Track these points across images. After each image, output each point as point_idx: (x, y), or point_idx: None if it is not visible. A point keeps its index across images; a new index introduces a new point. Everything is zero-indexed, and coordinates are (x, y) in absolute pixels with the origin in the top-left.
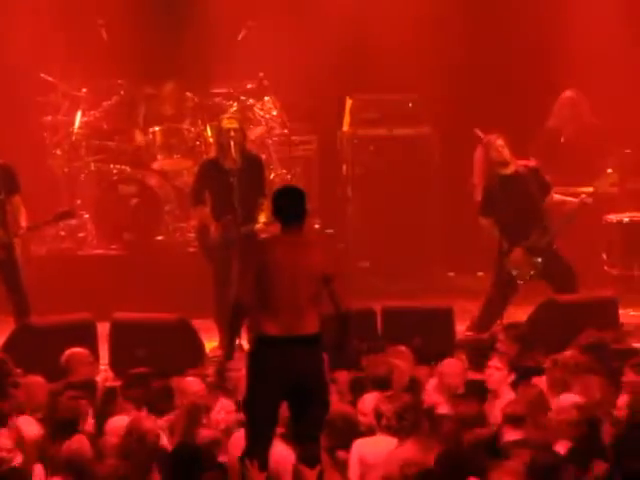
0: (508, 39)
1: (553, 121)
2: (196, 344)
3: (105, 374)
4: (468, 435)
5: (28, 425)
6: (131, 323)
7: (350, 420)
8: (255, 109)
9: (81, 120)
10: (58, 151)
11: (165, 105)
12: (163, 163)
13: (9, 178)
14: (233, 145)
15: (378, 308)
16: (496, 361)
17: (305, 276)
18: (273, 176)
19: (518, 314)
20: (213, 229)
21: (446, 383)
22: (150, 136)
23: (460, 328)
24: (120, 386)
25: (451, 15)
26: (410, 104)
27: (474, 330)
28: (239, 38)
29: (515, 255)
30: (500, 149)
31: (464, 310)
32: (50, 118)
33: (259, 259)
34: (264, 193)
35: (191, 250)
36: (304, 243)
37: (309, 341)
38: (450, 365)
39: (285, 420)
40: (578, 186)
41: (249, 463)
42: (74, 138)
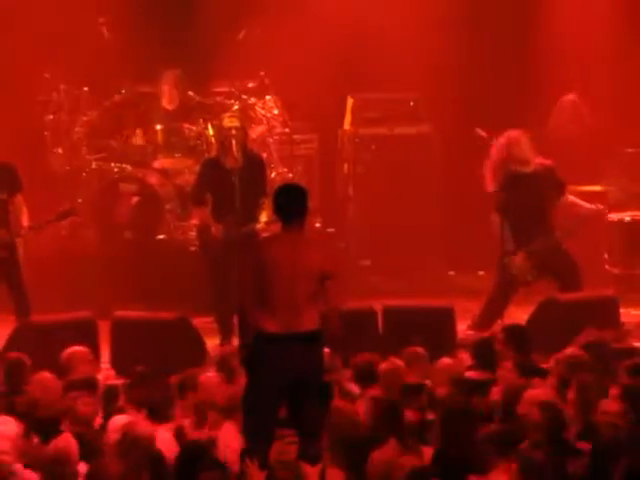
0: (510, 39)
1: (554, 123)
2: (197, 343)
3: (106, 372)
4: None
5: (6, 424)
6: (132, 322)
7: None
8: (256, 108)
9: (82, 119)
10: (59, 150)
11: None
12: (164, 162)
13: (11, 177)
14: (234, 144)
15: (379, 307)
16: (507, 363)
17: (304, 274)
18: (274, 175)
19: (518, 314)
20: (214, 229)
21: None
22: (151, 135)
23: (461, 327)
24: (123, 385)
25: (453, 14)
26: (411, 103)
27: (475, 329)
28: (240, 37)
29: (518, 259)
30: (524, 147)
31: (465, 309)
32: (51, 117)
33: (258, 257)
34: (265, 192)
35: (192, 249)
36: (304, 241)
37: (308, 338)
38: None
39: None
40: (578, 185)
41: (249, 461)
42: (75, 137)
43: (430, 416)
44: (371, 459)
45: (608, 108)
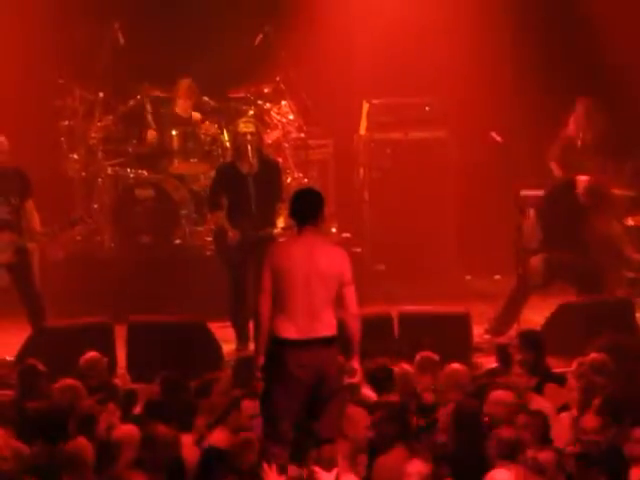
0: (525, 44)
1: (570, 128)
2: (213, 347)
3: (122, 377)
4: None
5: None
6: (148, 326)
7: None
8: (272, 113)
9: (98, 124)
10: (75, 155)
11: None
12: (180, 167)
13: (23, 183)
14: (250, 149)
15: (394, 312)
16: (517, 369)
17: (321, 279)
18: (290, 180)
19: (534, 318)
20: (230, 232)
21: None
22: (167, 140)
23: (477, 332)
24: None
25: (468, 19)
26: (426, 108)
27: (492, 333)
28: (256, 42)
29: (535, 260)
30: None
31: (481, 313)
32: (67, 122)
33: (275, 262)
34: (281, 197)
35: (208, 254)
36: (320, 245)
37: (326, 343)
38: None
39: None
40: None
41: (267, 466)
42: (91, 142)
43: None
44: (377, 464)
45: (624, 112)
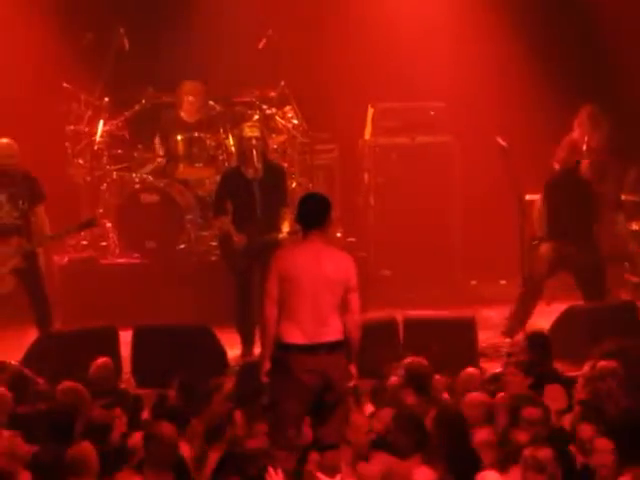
0: (530, 48)
1: (575, 132)
2: (218, 352)
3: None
4: None
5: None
6: (153, 331)
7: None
8: (277, 118)
9: (103, 129)
10: (80, 160)
11: (185, 115)
12: (185, 172)
13: (33, 188)
14: (255, 154)
15: (400, 317)
16: (511, 369)
17: (327, 284)
18: (295, 185)
19: (539, 323)
20: (236, 238)
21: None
22: (172, 145)
23: (483, 337)
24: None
25: (473, 24)
26: (432, 112)
27: (508, 334)
28: (260, 47)
29: (543, 248)
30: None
31: (486, 318)
32: (72, 127)
33: (280, 267)
34: (286, 202)
35: (213, 259)
36: (326, 251)
37: (332, 348)
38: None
39: None
40: None
41: (273, 471)
42: (96, 147)
43: None
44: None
45: (630, 117)
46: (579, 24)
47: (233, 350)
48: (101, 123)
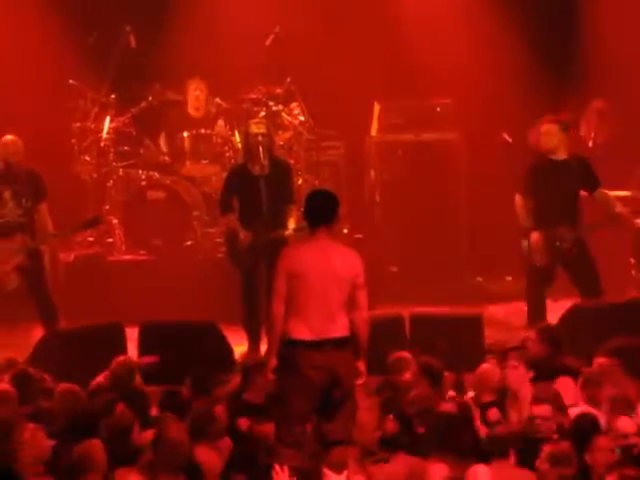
0: (537, 45)
1: (582, 129)
2: (225, 349)
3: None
4: None
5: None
6: (160, 328)
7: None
8: (283, 114)
9: (109, 126)
10: (86, 157)
11: (192, 110)
12: (191, 169)
13: (37, 185)
14: (261, 150)
15: (406, 313)
16: (513, 360)
17: (335, 280)
18: (301, 182)
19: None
20: (242, 236)
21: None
22: (178, 142)
23: (488, 333)
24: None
25: (479, 20)
26: (438, 109)
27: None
28: (267, 43)
29: (533, 237)
30: (555, 137)
31: (493, 315)
32: (78, 124)
33: (288, 264)
34: (293, 199)
35: (219, 255)
36: (333, 247)
37: (339, 344)
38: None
39: None
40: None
41: (279, 468)
42: (102, 144)
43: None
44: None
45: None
46: (588, 19)
47: (240, 347)
48: (107, 120)
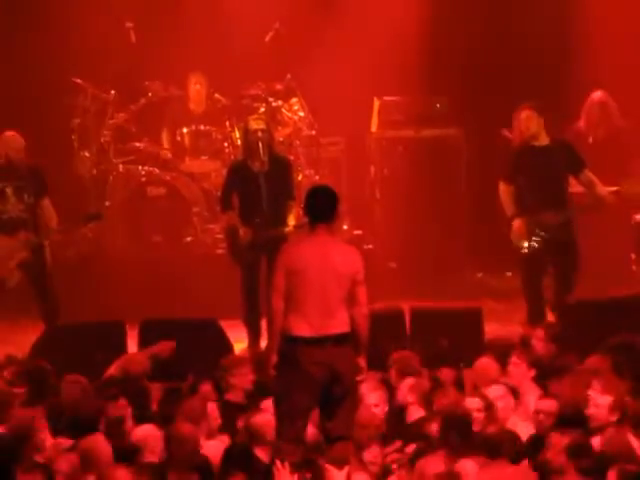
0: (537, 40)
1: (582, 122)
2: (225, 345)
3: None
4: None
5: None
6: (160, 324)
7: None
8: (283, 110)
9: (109, 122)
10: (86, 153)
11: (192, 105)
12: (191, 165)
13: (39, 181)
14: (261, 146)
15: (406, 309)
16: (515, 358)
17: (334, 276)
18: (301, 178)
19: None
20: (242, 232)
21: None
22: (178, 138)
23: (488, 329)
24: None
25: (479, 16)
26: (438, 105)
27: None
28: (267, 39)
29: (516, 224)
30: (534, 122)
31: (492, 311)
32: (78, 120)
33: (287, 260)
34: (293, 195)
35: (219, 251)
36: (333, 244)
37: (339, 340)
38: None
39: None
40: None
41: (280, 464)
42: (102, 140)
43: None
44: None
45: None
46: (589, 13)
47: (240, 343)
48: (108, 116)
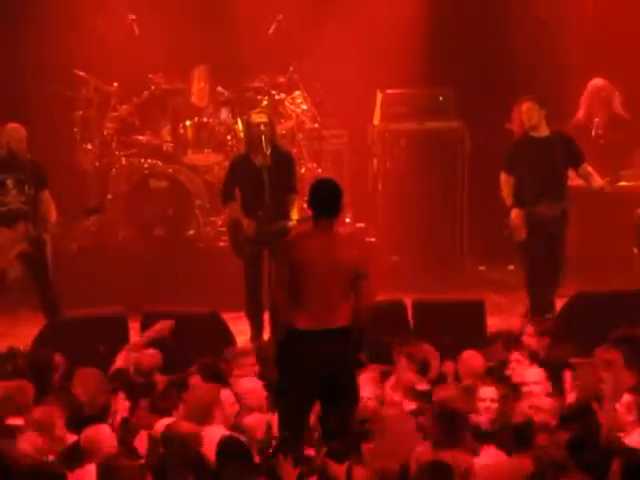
0: (539, 33)
1: (582, 112)
2: (227, 338)
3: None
4: None
5: None
6: (162, 317)
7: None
8: (285, 103)
9: (112, 115)
10: (89, 146)
11: (195, 99)
12: (194, 158)
13: (39, 174)
14: (264, 139)
15: (409, 302)
16: (517, 354)
17: (337, 270)
18: (304, 170)
19: None
20: (245, 224)
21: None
22: (181, 131)
23: (492, 322)
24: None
25: (483, 8)
26: (440, 98)
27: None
28: (270, 32)
29: (513, 214)
30: (536, 114)
31: (495, 304)
32: (81, 113)
33: (291, 254)
34: (296, 189)
35: (222, 244)
36: (337, 237)
37: (340, 334)
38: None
39: None
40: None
41: (282, 458)
42: (105, 133)
43: None
44: None
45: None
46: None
47: (242, 336)
48: (110, 109)
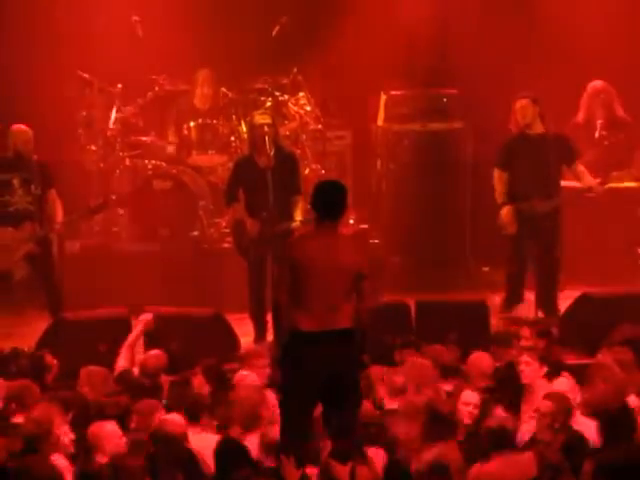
0: (544, 33)
1: (582, 114)
2: (231, 339)
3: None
4: None
5: None
6: (166, 318)
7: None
8: (289, 104)
9: (116, 116)
10: (93, 147)
11: (198, 103)
12: (197, 159)
13: (45, 174)
14: (267, 141)
15: (412, 303)
16: (526, 356)
17: (340, 272)
18: (307, 171)
19: None
20: (249, 225)
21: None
22: (185, 132)
23: (495, 323)
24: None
25: (487, 10)
26: (444, 99)
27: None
28: (273, 33)
29: (504, 211)
30: (530, 112)
31: (498, 305)
32: (85, 114)
33: (293, 255)
34: (300, 190)
35: (226, 245)
36: (339, 239)
37: (343, 335)
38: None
39: None
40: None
41: (285, 459)
42: (109, 134)
43: None
44: None
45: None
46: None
47: (246, 337)
48: (114, 110)
